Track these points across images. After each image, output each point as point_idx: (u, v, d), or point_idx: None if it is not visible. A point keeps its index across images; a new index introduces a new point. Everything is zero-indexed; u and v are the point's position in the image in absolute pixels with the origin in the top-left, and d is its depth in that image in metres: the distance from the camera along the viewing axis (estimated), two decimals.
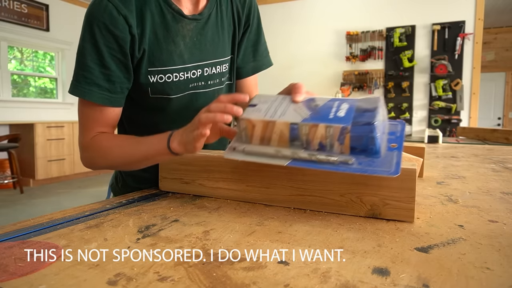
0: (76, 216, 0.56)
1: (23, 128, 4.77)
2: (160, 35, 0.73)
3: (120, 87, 0.72)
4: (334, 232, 0.47)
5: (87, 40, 0.68)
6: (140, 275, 0.34)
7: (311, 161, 0.51)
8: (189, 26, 0.76)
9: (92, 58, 0.68)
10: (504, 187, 0.75)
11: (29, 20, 5.09)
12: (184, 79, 0.78)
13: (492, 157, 1.26)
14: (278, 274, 0.35)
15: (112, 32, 0.67)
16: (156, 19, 0.72)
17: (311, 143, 0.52)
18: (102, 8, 0.67)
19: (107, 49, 0.68)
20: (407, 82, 4.77)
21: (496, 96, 7.16)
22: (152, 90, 0.76)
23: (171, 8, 0.73)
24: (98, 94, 0.70)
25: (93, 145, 0.72)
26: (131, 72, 0.73)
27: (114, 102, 0.72)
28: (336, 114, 0.53)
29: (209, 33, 0.80)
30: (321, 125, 0.51)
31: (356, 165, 0.49)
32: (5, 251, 0.41)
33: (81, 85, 0.69)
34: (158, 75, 0.75)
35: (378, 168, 0.48)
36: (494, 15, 6.11)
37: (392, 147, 0.52)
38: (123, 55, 0.70)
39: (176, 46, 0.75)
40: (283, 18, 5.47)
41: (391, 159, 0.49)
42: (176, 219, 0.53)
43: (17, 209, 3.63)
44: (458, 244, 0.42)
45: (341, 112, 0.53)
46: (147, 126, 0.83)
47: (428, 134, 1.99)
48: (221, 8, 0.82)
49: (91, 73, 0.69)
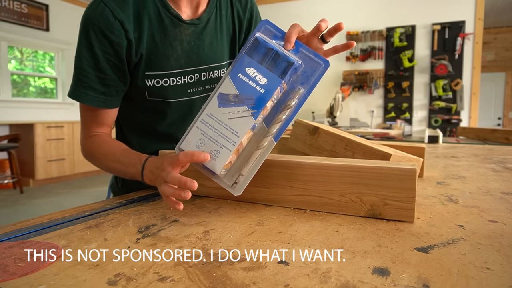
0: (76, 216, 0.56)
1: (23, 128, 4.77)
2: (158, 39, 0.73)
3: (115, 90, 0.73)
4: (334, 232, 0.47)
5: (83, 45, 0.69)
6: (140, 275, 0.34)
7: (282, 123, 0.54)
8: (187, 31, 0.76)
9: (88, 62, 0.69)
10: (504, 187, 0.75)
11: (29, 20, 5.09)
12: (181, 84, 0.78)
13: (492, 157, 1.26)
14: (278, 274, 0.35)
15: (108, 37, 0.68)
16: (154, 23, 0.72)
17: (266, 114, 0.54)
18: (99, 13, 0.67)
19: (102, 53, 0.69)
20: (407, 82, 4.78)
21: (496, 96, 7.16)
22: (149, 93, 0.77)
23: (169, 13, 0.73)
24: (93, 97, 0.72)
25: (87, 147, 0.76)
26: (127, 75, 0.73)
27: (109, 104, 0.74)
28: (260, 84, 0.53)
29: (207, 38, 0.79)
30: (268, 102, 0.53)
31: (304, 88, 0.54)
32: (5, 251, 0.41)
33: (78, 88, 0.71)
34: (155, 79, 0.75)
35: (316, 73, 0.54)
36: (494, 15, 6.11)
37: (309, 55, 0.55)
38: (118, 60, 0.70)
39: (173, 51, 0.75)
40: (283, 18, 5.47)
41: (309, 58, 0.55)
42: (176, 219, 0.53)
43: (17, 209, 3.63)
44: (458, 244, 0.42)
45: (261, 79, 0.53)
46: (143, 127, 0.84)
47: (428, 134, 1.99)
48: (220, 13, 0.81)
49: (87, 77, 0.70)
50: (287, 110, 0.54)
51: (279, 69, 0.53)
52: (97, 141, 0.74)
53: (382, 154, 0.69)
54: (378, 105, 5.04)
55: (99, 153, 0.73)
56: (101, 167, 0.75)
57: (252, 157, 0.54)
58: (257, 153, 0.54)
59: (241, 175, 0.54)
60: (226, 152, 0.52)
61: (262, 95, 0.52)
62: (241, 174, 0.54)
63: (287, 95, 0.55)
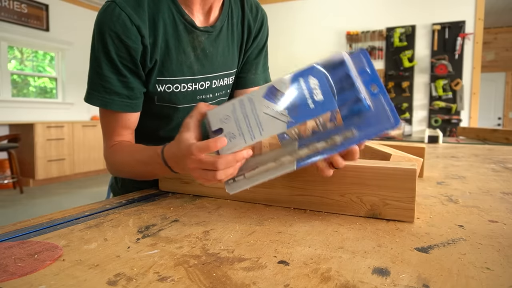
0: (76, 216, 0.56)
1: (23, 128, 4.77)
2: (172, 45, 0.72)
3: (139, 92, 0.72)
4: (334, 232, 0.47)
5: (100, 50, 0.67)
6: (140, 275, 0.34)
7: (315, 153, 0.48)
8: (201, 37, 0.75)
9: (107, 67, 0.68)
10: (504, 187, 0.75)
11: (29, 20, 5.09)
12: (192, 90, 0.78)
13: (492, 157, 1.26)
14: (278, 274, 0.35)
15: (124, 42, 0.66)
16: (168, 29, 0.71)
17: (304, 135, 0.50)
18: (115, 17, 0.65)
19: (118, 58, 0.67)
20: (407, 82, 4.77)
21: (496, 96, 7.16)
22: (159, 98, 0.76)
23: (183, 19, 0.72)
24: (119, 102, 0.70)
25: (111, 159, 0.73)
26: (143, 79, 0.73)
27: (135, 107, 0.73)
28: (314, 99, 0.48)
29: (220, 46, 0.79)
30: (309, 121, 0.48)
31: (358, 133, 0.47)
32: (5, 251, 0.41)
33: (101, 94, 0.69)
34: (166, 85, 0.74)
35: (379, 126, 0.46)
36: (494, 15, 6.11)
37: (374, 90, 0.49)
38: (134, 65, 0.69)
39: (186, 57, 0.74)
40: (283, 18, 5.47)
41: (382, 108, 0.47)
42: (176, 219, 0.53)
43: (17, 209, 3.63)
44: (458, 244, 0.42)
45: (318, 94, 0.49)
46: (146, 130, 0.83)
47: (428, 134, 1.99)
48: (232, 21, 0.81)
49: (110, 83, 0.69)
50: (328, 144, 0.48)
51: (343, 98, 0.47)
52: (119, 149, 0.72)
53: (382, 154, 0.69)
54: None
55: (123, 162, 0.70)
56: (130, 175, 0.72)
57: (264, 167, 0.50)
58: (270, 166, 0.50)
59: (243, 176, 0.51)
60: (241, 142, 0.49)
61: (308, 109, 0.48)
62: (244, 175, 0.51)
63: (337, 130, 0.48)
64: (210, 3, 0.74)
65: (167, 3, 0.71)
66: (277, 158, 0.50)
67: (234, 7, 0.81)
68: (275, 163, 0.50)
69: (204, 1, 0.73)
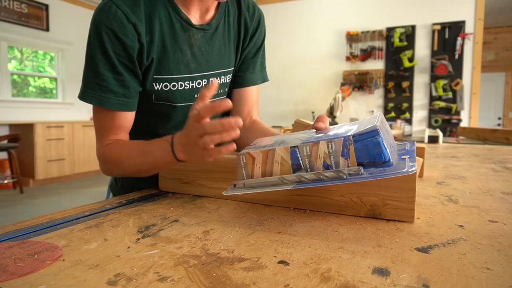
0: (76, 216, 0.56)
1: (23, 128, 4.77)
2: (168, 43, 0.72)
3: (134, 91, 0.72)
4: (334, 232, 0.47)
5: (96, 48, 0.67)
6: (140, 275, 0.34)
7: (318, 180, 0.49)
8: (197, 35, 0.76)
9: (103, 65, 0.67)
10: (504, 187, 0.75)
11: (29, 20, 5.08)
12: (189, 88, 0.78)
13: (492, 157, 1.26)
14: (278, 274, 0.35)
15: (121, 40, 0.66)
16: (164, 27, 0.71)
17: (315, 165, 0.50)
18: (112, 15, 0.65)
19: (115, 55, 0.67)
20: (407, 82, 4.77)
21: (496, 96, 7.16)
22: (156, 97, 0.76)
23: (179, 17, 0.72)
24: (115, 100, 0.69)
25: (106, 155, 0.72)
26: (140, 77, 0.72)
27: (131, 106, 0.72)
28: (336, 131, 0.52)
29: (216, 44, 0.79)
30: (322, 142, 0.49)
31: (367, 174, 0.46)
32: (5, 251, 0.41)
33: (96, 92, 0.68)
34: (163, 83, 0.74)
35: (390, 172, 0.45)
36: (494, 15, 6.11)
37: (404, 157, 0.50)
38: (131, 63, 0.69)
39: (183, 55, 0.75)
40: (283, 18, 5.47)
41: (403, 165, 0.47)
42: (176, 219, 0.53)
43: (17, 209, 3.63)
44: (458, 244, 0.42)
45: (341, 129, 0.53)
46: (145, 129, 0.83)
47: (428, 134, 1.99)
48: (229, 19, 0.81)
49: (105, 81, 0.68)
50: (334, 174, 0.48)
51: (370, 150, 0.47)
52: (116, 146, 0.71)
53: None
54: (378, 105, 5.04)
55: (122, 155, 0.69)
56: (127, 169, 0.70)
57: (264, 179, 0.52)
58: (273, 180, 0.51)
59: (243, 183, 0.53)
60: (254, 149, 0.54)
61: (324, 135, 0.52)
62: (244, 183, 0.53)
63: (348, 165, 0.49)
64: (208, 3, 0.75)
65: (163, 2, 0.71)
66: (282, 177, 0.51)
67: (230, 6, 0.82)
68: (278, 179, 0.51)
69: (203, 1, 0.74)
